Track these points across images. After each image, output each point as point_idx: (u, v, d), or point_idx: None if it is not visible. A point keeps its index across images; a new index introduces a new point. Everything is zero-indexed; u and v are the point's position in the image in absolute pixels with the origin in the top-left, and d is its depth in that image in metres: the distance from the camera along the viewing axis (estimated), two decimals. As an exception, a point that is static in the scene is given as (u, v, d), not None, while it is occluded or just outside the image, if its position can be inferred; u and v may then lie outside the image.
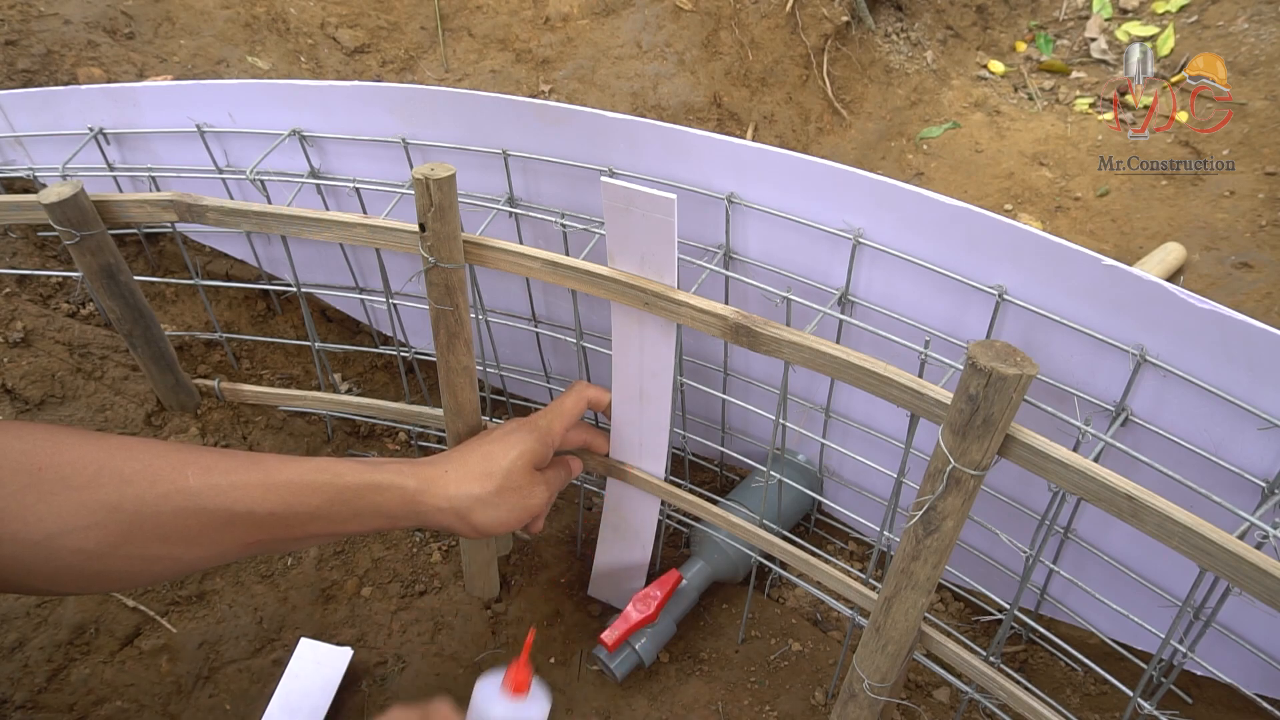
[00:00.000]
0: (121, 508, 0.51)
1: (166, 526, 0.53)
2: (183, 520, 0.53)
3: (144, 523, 0.52)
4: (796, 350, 0.57)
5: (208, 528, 0.55)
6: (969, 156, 1.57)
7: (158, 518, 0.52)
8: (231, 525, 0.56)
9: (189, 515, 0.53)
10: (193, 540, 0.54)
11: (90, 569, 0.51)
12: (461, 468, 0.66)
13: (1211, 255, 1.30)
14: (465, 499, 0.64)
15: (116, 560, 0.51)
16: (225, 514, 0.55)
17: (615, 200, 0.59)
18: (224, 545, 0.56)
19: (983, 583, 0.75)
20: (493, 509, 0.65)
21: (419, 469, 0.65)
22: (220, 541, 0.56)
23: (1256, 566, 0.43)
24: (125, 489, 0.51)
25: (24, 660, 0.77)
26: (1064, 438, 0.52)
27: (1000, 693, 0.64)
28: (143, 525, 0.52)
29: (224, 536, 0.56)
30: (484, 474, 0.66)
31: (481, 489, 0.65)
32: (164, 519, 0.52)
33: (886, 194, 0.63)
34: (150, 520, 0.52)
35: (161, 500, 0.52)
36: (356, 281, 0.98)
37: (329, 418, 1.05)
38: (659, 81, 1.40)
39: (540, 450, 0.69)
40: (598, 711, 0.83)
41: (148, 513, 0.52)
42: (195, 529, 0.54)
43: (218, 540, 0.56)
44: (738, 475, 1.05)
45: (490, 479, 0.66)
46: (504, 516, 0.66)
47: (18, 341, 0.88)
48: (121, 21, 1.18)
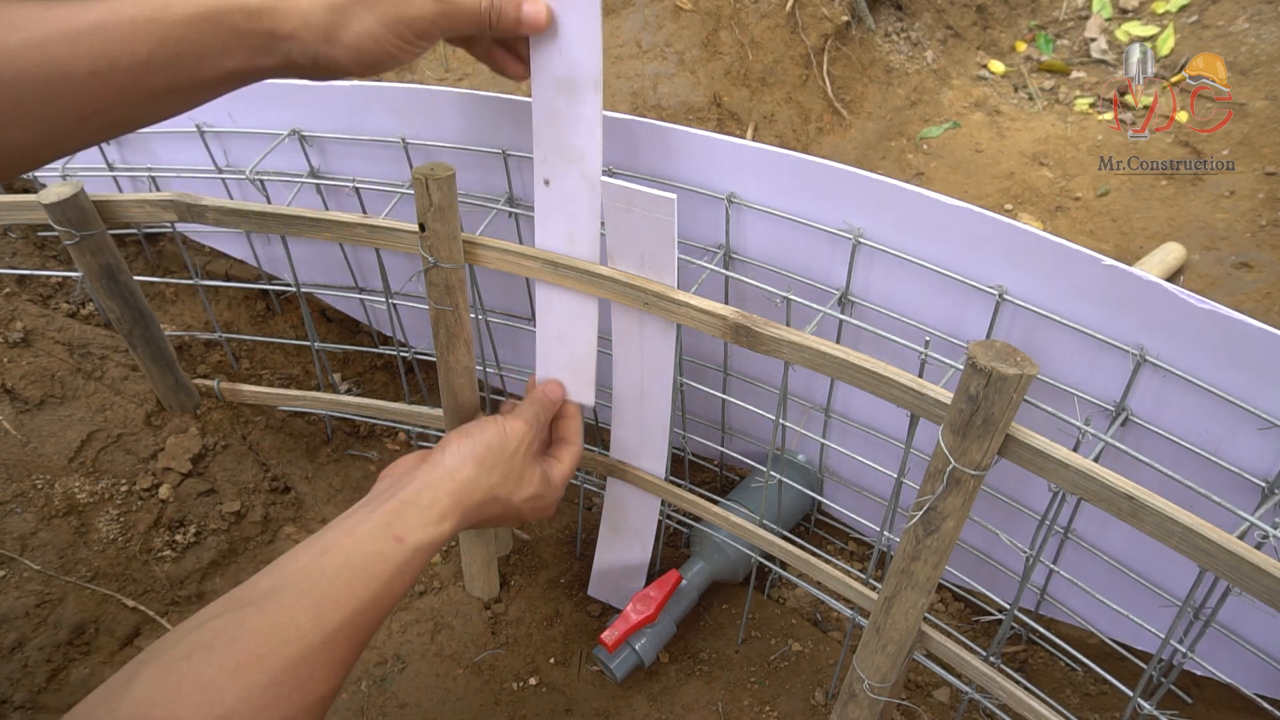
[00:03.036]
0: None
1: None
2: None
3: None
4: (796, 350, 0.57)
5: (15, 104, 0.44)
6: (969, 156, 1.57)
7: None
8: (44, 97, 0.44)
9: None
10: (3, 122, 0.44)
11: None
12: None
13: (1211, 255, 1.30)
14: (323, 10, 0.50)
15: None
16: (30, 84, 0.44)
17: (615, 200, 0.59)
18: (48, 122, 0.45)
19: (983, 583, 0.75)
20: (361, 19, 0.51)
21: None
22: (40, 118, 0.45)
23: (1256, 566, 0.43)
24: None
25: (24, 660, 0.77)
26: (1064, 438, 0.52)
27: (1000, 693, 0.64)
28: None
29: (41, 111, 0.45)
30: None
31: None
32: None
33: (886, 194, 0.63)
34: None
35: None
36: (356, 281, 0.98)
37: (328, 418, 1.05)
38: (659, 81, 1.40)
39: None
40: (598, 711, 0.83)
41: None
42: (1, 109, 0.43)
43: (36, 117, 0.45)
44: (738, 475, 1.05)
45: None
46: (379, 27, 0.51)
47: (18, 341, 0.87)
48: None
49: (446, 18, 0.53)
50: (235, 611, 0.46)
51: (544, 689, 0.85)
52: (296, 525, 0.96)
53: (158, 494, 0.88)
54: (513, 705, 0.83)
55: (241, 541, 0.92)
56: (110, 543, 0.84)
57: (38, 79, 0.44)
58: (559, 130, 0.61)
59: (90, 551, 0.82)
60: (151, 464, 0.89)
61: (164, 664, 0.43)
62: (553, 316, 0.70)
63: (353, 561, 0.51)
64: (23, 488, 0.81)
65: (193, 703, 0.41)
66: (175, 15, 0.47)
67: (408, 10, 0.51)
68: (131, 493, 0.86)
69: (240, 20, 0.49)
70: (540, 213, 0.65)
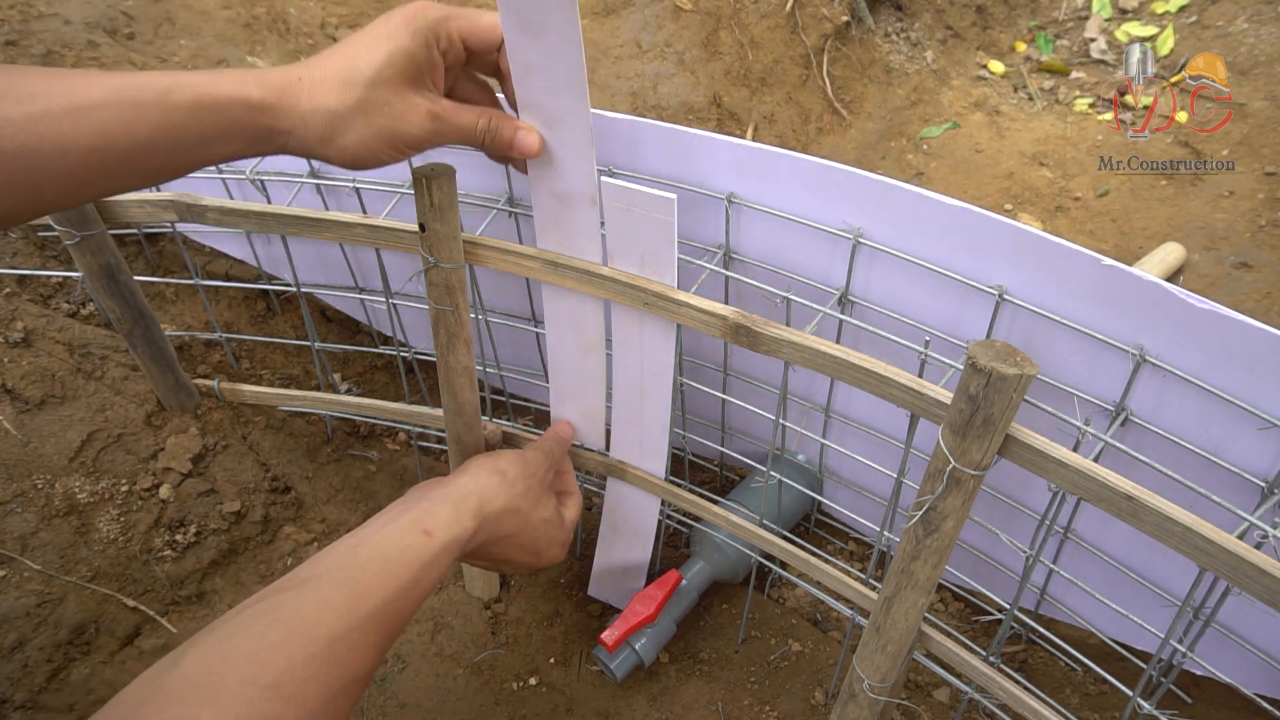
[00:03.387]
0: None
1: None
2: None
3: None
4: (796, 350, 0.57)
5: (15, 174, 0.44)
6: (969, 156, 1.57)
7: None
8: (44, 169, 0.45)
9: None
10: (1, 190, 0.45)
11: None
12: (318, 74, 0.52)
13: (1211, 255, 1.30)
14: (322, 116, 0.51)
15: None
16: (31, 156, 0.44)
17: (615, 200, 0.59)
18: (45, 192, 0.47)
19: (983, 583, 0.75)
20: (357, 129, 0.52)
21: (267, 75, 0.52)
22: (37, 187, 0.46)
23: (1256, 566, 0.43)
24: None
25: (24, 660, 0.77)
26: (1064, 438, 0.52)
27: (1000, 693, 0.64)
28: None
29: (39, 181, 0.46)
30: (344, 83, 0.51)
31: (338, 101, 0.51)
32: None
33: (886, 194, 0.63)
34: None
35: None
36: (356, 281, 0.98)
37: (329, 418, 1.05)
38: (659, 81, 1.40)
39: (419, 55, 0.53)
40: (598, 711, 0.83)
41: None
42: (1, 177, 0.44)
43: (34, 185, 0.46)
44: (738, 475, 1.05)
45: (351, 89, 0.51)
46: (372, 138, 0.53)
47: (18, 341, 0.88)
48: (121, 22, 1.18)
49: (441, 135, 0.55)
50: (275, 595, 0.49)
51: (544, 689, 0.85)
52: (296, 525, 0.96)
53: (158, 494, 0.88)
54: (513, 705, 0.83)
55: (241, 541, 0.92)
56: (110, 543, 0.84)
57: (38, 153, 0.45)
58: (561, 233, 0.65)
59: (90, 551, 0.82)
60: (152, 464, 0.89)
61: (209, 643, 0.45)
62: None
63: (385, 554, 0.54)
64: (23, 488, 0.81)
65: (239, 674, 0.44)
66: (177, 101, 0.48)
67: (403, 126, 0.53)
68: (132, 493, 0.86)
69: (241, 113, 0.50)
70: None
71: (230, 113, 0.50)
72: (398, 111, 0.53)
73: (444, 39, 0.55)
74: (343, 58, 0.52)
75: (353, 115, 0.52)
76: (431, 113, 0.54)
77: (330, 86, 0.51)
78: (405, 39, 0.52)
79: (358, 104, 0.51)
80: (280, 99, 0.51)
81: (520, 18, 0.53)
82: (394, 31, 0.53)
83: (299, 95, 0.51)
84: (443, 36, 0.54)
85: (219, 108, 0.49)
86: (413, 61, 0.53)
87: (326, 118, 0.51)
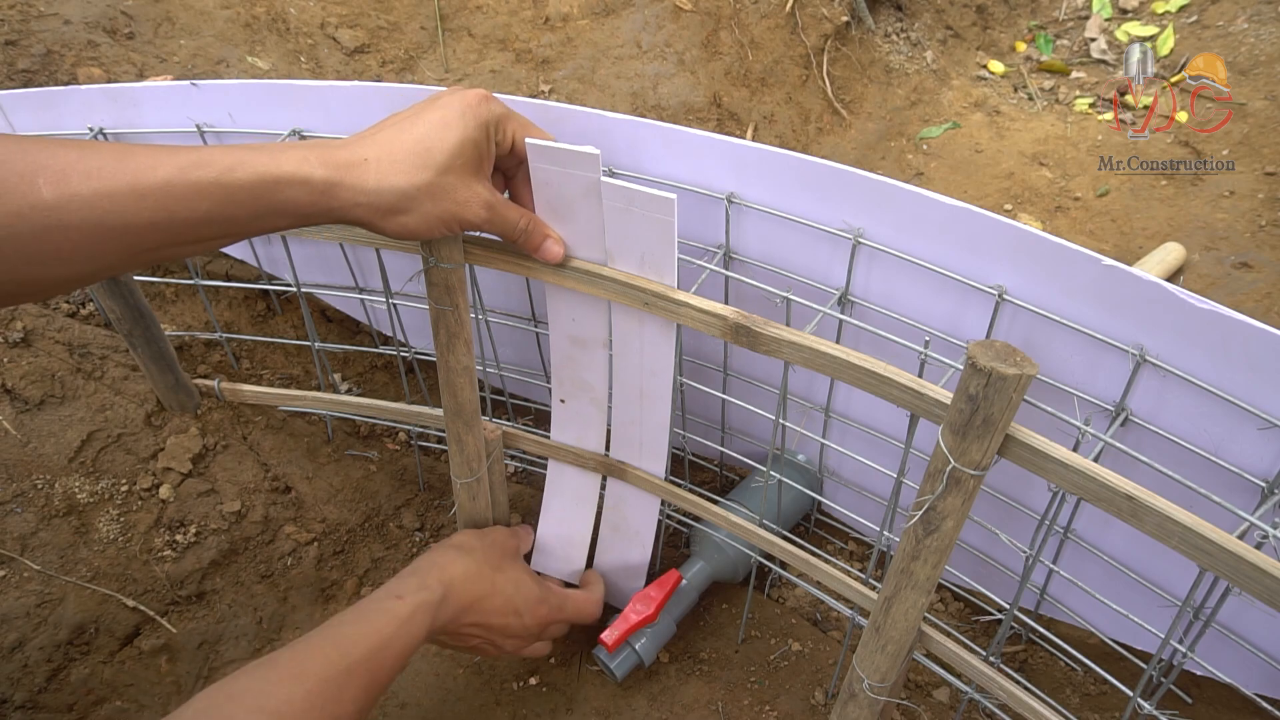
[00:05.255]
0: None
1: (29, 249, 0.45)
2: (47, 240, 0.46)
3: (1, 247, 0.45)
4: (796, 350, 0.57)
5: (80, 245, 0.47)
6: (969, 156, 1.57)
7: (16, 240, 0.45)
8: (106, 240, 0.48)
9: (52, 233, 0.46)
10: (66, 259, 0.47)
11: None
12: (387, 155, 0.54)
13: (1211, 255, 1.30)
14: (390, 194, 0.54)
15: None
16: (95, 229, 0.47)
17: (615, 200, 0.59)
18: (106, 259, 0.48)
19: (983, 583, 0.75)
20: (423, 208, 0.55)
21: (330, 153, 0.53)
22: (99, 256, 0.48)
23: (1256, 566, 0.43)
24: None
25: (24, 660, 0.77)
26: (1064, 438, 0.52)
27: (1000, 693, 0.64)
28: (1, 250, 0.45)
29: (102, 250, 0.48)
30: (416, 166, 0.54)
31: (409, 182, 0.54)
32: (24, 241, 0.45)
33: (886, 194, 0.63)
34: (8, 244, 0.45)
35: (15, 221, 0.45)
36: (356, 281, 0.98)
37: (329, 418, 1.05)
38: (659, 81, 1.40)
39: (483, 143, 0.57)
40: (598, 711, 0.83)
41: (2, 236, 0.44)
42: (66, 247, 0.47)
43: (96, 255, 0.48)
44: (738, 475, 1.05)
45: (423, 171, 0.54)
46: (434, 218, 0.56)
47: (18, 341, 0.88)
48: (121, 21, 1.18)
49: (490, 224, 0.59)
50: (270, 654, 0.58)
51: (544, 689, 0.85)
52: (296, 525, 0.96)
53: (158, 494, 0.88)
54: (513, 705, 0.83)
55: (241, 541, 0.92)
56: (110, 542, 0.84)
57: (102, 225, 0.47)
58: (573, 369, 0.74)
59: (90, 551, 0.82)
60: (152, 464, 0.89)
61: (216, 685, 0.54)
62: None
63: (364, 615, 0.63)
64: (23, 488, 0.81)
65: (245, 705, 0.52)
66: (239, 180, 0.50)
67: (464, 212, 0.57)
68: (132, 493, 0.86)
69: (301, 193, 0.52)
70: (556, 419, 0.80)
71: (290, 192, 0.52)
72: (462, 198, 0.56)
73: (504, 137, 0.59)
74: (412, 139, 0.54)
75: (422, 196, 0.54)
76: (488, 203, 0.58)
77: (401, 168, 0.54)
78: (473, 129, 0.56)
79: (428, 186, 0.54)
80: (345, 177, 0.53)
81: (551, 205, 0.62)
82: (463, 119, 0.56)
83: (366, 174, 0.53)
84: (505, 136, 0.59)
85: (282, 187, 0.51)
86: (478, 152, 0.57)
87: (395, 196, 0.54)
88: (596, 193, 0.60)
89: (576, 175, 0.59)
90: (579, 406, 0.78)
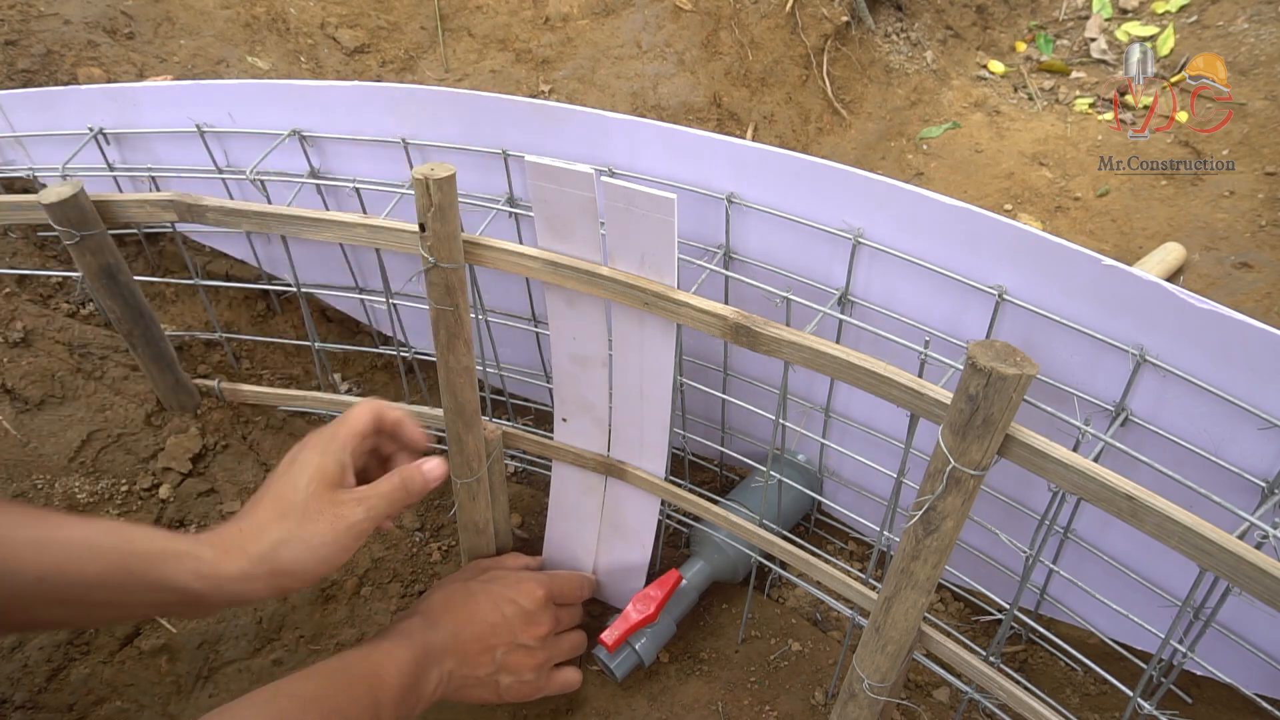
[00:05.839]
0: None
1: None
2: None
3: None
4: (796, 350, 0.57)
5: None
6: (969, 156, 1.57)
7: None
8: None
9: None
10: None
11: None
12: (253, 519, 0.58)
13: (1211, 255, 1.30)
14: (268, 549, 0.57)
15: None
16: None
17: (615, 200, 0.59)
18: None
19: (983, 583, 0.75)
20: (301, 548, 0.58)
21: (215, 534, 0.57)
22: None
23: (1256, 566, 0.43)
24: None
25: (24, 660, 0.77)
26: (1064, 438, 0.52)
27: (1000, 693, 0.64)
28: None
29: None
30: (279, 515, 0.58)
31: (281, 532, 0.57)
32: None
33: (886, 194, 0.63)
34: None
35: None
36: (356, 281, 0.98)
37: (329, 418, 1.05)
38: (659, 81, 1.40)
39: (329, 466, 0.62)
40: (598, 711, 0.83)
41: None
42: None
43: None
44: (738, 475, 1.05)
45: (287, 518, 0.58)
46: (318, 551, 0.59)
47: (18, 341, 0.88)
48: (121, 21, 1.18)
49: (377, 510, 0.63)
50: None
51: (544, 689, 0.85)
52: (296, 525, 0.96)
53: (158, 494, 0.88)
54: (513, 705, 0.83)
55: (241, 541, 0.92)
56: (110, 543, 0.84)
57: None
58: (575, 389, 0.75)
59: (90, 551, 0.82)
60: (151, 464, 0.89)
61: (217, 711, 0.54)
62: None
63: (345, 649, 0.68)
64: (23, 488, 0.81)
65: (246, 716, 0.54)
66: (135, 548, 0.53)
67: (340, 525, 0.61)
68: (131, 493, 0.86)
69: (190, 568, 0.55)
70: (559, 437, 0.81)
71: (183, 564, 0.54)
72: (330, 515, 0.60)
73: (343, 444, 0.64)
74: (269, 498, 0.60)
75: (296, 534, 0.58)
76: (364, 504, 0.62)
77: (270, 523, 0.59)
78: (316, 456, 0.63)
79: (299, 524, 0.59)
80: (229, 550, 0.57)
81: (549, 222, 0.64)
82: (306, 455, 0.63)
83: (244, 542, 0.58)
84: (342, 442, 0.64)
85: (173, 558, 0.54)
86: (326, 472, 0.61)
87: (273, 547, 0.58)
88: (593, 210, 0.60)
89: (572, 194, 0.60)
90: (581, 425, 0.78)
